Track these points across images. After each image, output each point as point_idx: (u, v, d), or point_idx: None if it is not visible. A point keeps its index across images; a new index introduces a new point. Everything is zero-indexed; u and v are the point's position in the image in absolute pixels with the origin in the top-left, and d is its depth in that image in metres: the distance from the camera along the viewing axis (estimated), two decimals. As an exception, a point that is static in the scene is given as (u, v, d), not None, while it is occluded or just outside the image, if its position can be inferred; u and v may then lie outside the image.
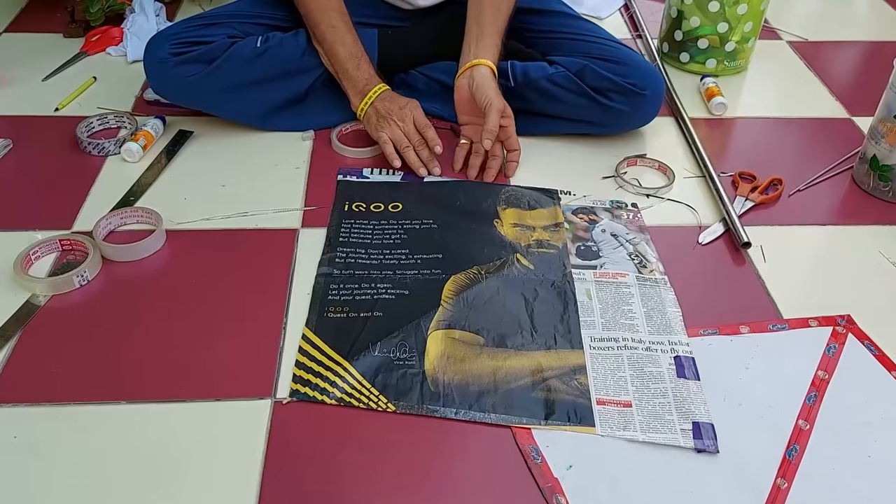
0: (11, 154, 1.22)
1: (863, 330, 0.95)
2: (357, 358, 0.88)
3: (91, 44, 1.52)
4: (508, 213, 1.11)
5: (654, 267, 1.03)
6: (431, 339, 0.91)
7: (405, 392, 0.85)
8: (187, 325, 0.93)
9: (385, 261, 1.02)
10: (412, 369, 0.87)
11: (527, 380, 0.87)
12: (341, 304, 0.95)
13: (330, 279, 0.99)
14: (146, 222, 1.08)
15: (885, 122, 1.14)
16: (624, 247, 1.05)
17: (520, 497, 0.76)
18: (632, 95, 1.20)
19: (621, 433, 0.82)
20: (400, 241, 1.06)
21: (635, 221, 1.11)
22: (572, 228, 1.09)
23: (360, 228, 1.07)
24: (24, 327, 0.92)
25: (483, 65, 1.15)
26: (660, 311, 0.96)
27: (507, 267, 1.01)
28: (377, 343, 0.90)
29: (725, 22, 1.44)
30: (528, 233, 1.08)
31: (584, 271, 1.02)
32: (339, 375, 0.86)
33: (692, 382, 0.87)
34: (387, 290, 0.97)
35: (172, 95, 1.25)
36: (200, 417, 0.82)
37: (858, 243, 1.10)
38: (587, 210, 1.13)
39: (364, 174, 1.18)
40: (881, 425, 0.84)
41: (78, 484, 0.76)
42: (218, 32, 1.22)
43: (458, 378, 0.87)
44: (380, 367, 0.87)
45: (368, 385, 0.85)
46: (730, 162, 1.26)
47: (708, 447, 0.80)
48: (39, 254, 1.02)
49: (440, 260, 1.02)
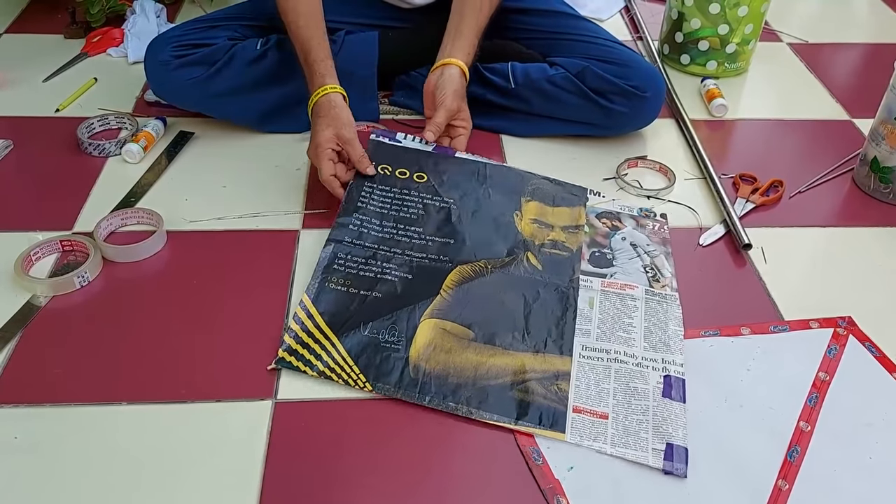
0: (12, 155, 1.22)
1: (864, 331, 0.95)
2: (346, 335, 0.89)
3: (92, 45, 1.52)
4: (531, 207, 1.09)
5: (666, 282, 1.00)
6: (422, 327, 0.91)
7: (385, 374, 0.86)
8: (188, 326, 0.93)
9: (397, 236, 1.02)
10: (396, 353, 0.88)
11: (507, 379, 0.87)
12: (344, 277, 0.96)
13: (339, 248, 0.99)
14: (147, 223, 1.08)
15: (886, 123, 1.14)
16: (641, 258, 1.03)
17: (521, 498, 0.76)
18: (632, 97, 1.20)
19: (590, 443, 0.81)
20: (416, 217, 1.05)
21: (660, 233, 1.09)
22: (591, 233, 1.07)
23: (381, 195, 1.06)
24: (25, 328, 0.92)
25: (454, 65, 1.15)
26: (661, 327, 0.94)
27: (514, 264, 1.00)
28: (369, 323, 0.91)
29: (726, 24, 1.44)
30: (546, 231, 1.06)
31: (593, 279, 1.00)
32: (325, 349, 0.88)
33: (676, 404, 0.85)
34: (391, 271, 0.97)
35: (173, 98, 1.25)
36: (201, 418, 0.82)
37: (859, 245, 1.10)
38: (612, 215, 1.11)
39: (397, 137, 1.16)
40: (882, 427, 0.84)
41: (78, 484, 0.76)
42: (218, 35, 1.22)
43: (440, 368, 0.87)
44: (366, 346, 0.88)
45: (351, 362, 0.87)
46: (730, 164, 1.26)
47: (677, 470, 0.79)
48: (40, 254, 1.02)
49: (450, 246, 1.01)
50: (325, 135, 1.07)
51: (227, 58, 1.19)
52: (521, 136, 1.28)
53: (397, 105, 1.34)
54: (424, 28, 1.32)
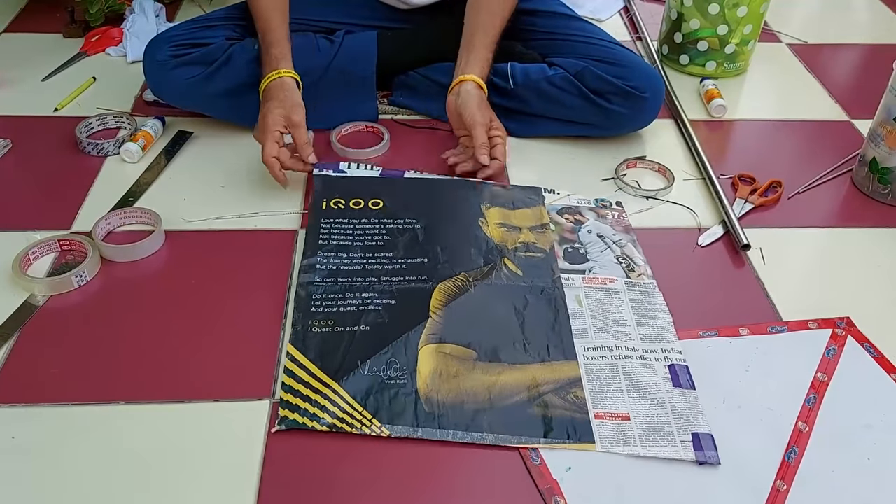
0: (11, 154, 1.22)
1: (862, 332, 0.95)
2: (346, 378, 0.84)
3: (91, 44, 1.52)
4: (493, 213, 1.09)
5: (641, 270, 1.01)
6: (422, 355, 0.88)
7: (399, 414, 0.82)
8: (186, 325, 0.93)
9: (369, 265, 0.99)
10: (404, 389, 0.84)
11: (522, 395, 0.84)
12: (325, 317, 0.91)
13: (312, 288, 0.95)
14: (145, 223, 1.08)
15: (885, 124, 1.14)
16: (611, 249, 1.04)
17: (519, 499, 0.76)
18: (631, 98, 1.20)
19: (622, 448, 0.80)
20: (383, 242, 1.02)
21: (621, 221, 1.10)
22: (558, 230, 1.07)
23: (340, 228, 1.04)
24: (23, 327, 0.92)
25: (469, 80, 1.16)
26: (650, 317, 0.94)
27: (495, 273, 0.99)
28: (366, 361, 0.86)
29: (725, 24, 1.44)
30: (515, 234, 1.06)
31: (574, 276, 1.00)
32: (328, 399, 0.82)
33: (688, 392, 0.86)
34: (372, 300, 0.94)
35: (171, 98, 1.25)
36: (199, 418, 0.82)
37: (858, 246, 1.10)
38: (572, 210, 1.12)
39: (341, 168, 1.16)
40: (881, 428, 0.84)
41: (75, 484, 0.76)
42: (217, 35, 1.22)
43: (453, 396, 0.84)
44: (370, 387, 0.84)
45: (360, 408, 0.82)
46: (729, 164, 1.26)
47: (709, 459, 0.79)
48: (38, 254, 1.01)
49: (426, 265, 0.99)
50: (273, 116, 1.08)
51: (225, 57, 1.19)
52: (520, 137, 1.28)
53: (396, 105, 1.34)
54: (423, 28, 1.32)
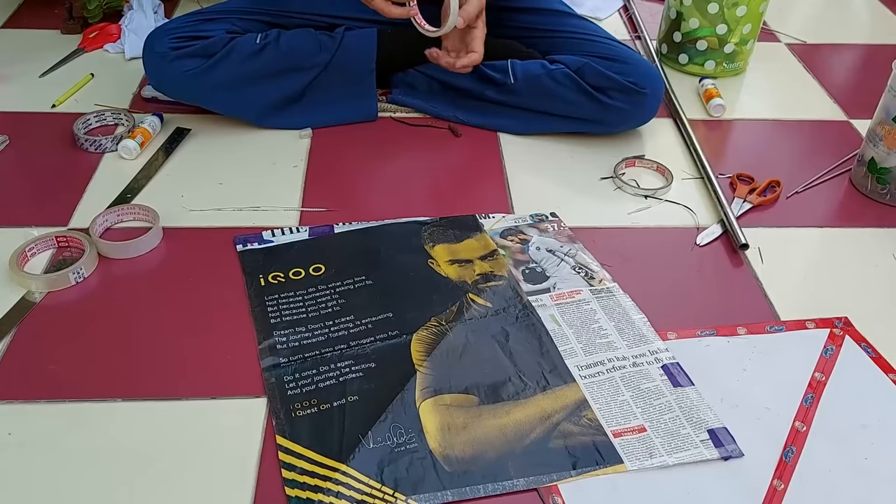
0: (8, 150, 1.22)
1: (860, 332, 0.95)
2: (352, 457, 0.77)
3: (89, 40, 1.51)
4: (439, 251, 1.03)
5: (601, 276, 1.00)
6: (424, 412, 0.82)
7: (421, 482, 0.75)
8: (183, 322, 0.93)
9: (332, 334, 0.91)
10: (417, 454, 0.78)
11: (538, 431, 0.81)
12: (307, 398, 0.83)
13: (281, 371, 0.86)
14: (143, 220, 1.08)
15: (884, 124, 1.14)
16: (565, 261, 1.01)
17: (518, 499, 0.76)
18: (631, 94, 1.20)
19: (650, 462, 0.78)
20: (339, 307, 0.94)
21: (563, 231, 1.07)
22: (509, 253, 1.03)
23: (288, 303, 0.95)
24: (20, 324, 0.92)
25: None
26: (627, 321, 0.93)
27: (464, 310, 0.94)
28: (368, 433, 0.79)
29: (724, 24, 1.44)
30: (469, 268, 1.00)
31: (541, 296, 0.96)
32: (340, 483, 0.75)
33: (690, 389, 0.86)
34: (350, 367, 0.87)
35: (170, 90, 1.25)
36: (197, 415, 0.82)
37: (856, 246, 1.10)
38: (514, 230, 1.07)
39: (265, 238, 1.05)
40: (878, 428, 0.84)
41: (73, 481, 0.76)
42: (217, 28, 1.22)
43: (470, 449, 0.79)
44: (381, 460, 0.77)
45: (378, 485, 0.75)
46: (728, 163, 1.26)
47: (732, 452, 0.79)
48: (35, 250, 1.01)
49: (392, 320, 0.93)
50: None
51: (225, 51, 1.19)
52: (520, 135, 1.28)
53: (395, 103, 1.34)
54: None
